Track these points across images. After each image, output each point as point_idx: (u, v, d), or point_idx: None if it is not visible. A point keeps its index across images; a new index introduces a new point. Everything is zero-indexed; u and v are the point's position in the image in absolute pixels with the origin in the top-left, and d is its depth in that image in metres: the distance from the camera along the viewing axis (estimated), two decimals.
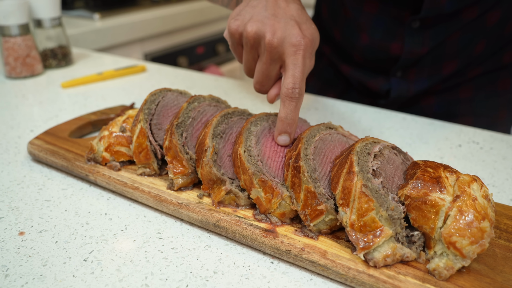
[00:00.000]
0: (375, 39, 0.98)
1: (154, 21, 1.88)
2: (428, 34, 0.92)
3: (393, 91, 1.01)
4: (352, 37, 1.03)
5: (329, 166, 0.55)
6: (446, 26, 0.91)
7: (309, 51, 0.59)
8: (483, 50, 0.96)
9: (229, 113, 0.64)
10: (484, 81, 1.01)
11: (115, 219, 0.58)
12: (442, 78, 0.99)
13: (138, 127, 0.64)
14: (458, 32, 0.93)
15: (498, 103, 1.02)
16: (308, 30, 0.59)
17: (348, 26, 1.03)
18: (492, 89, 1.01)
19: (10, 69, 1.13)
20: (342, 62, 1.10)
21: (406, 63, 0.97)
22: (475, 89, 1.01)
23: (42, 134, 0.74)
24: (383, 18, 0.95)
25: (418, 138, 0.83)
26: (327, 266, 0.47)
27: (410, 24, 0.92)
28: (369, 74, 1.05)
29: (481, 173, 0.70)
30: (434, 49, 0.95)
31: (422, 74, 0.99)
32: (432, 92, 1.02)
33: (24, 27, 1.11)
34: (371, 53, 1.00)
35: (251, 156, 0.55)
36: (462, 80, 1.00)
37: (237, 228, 0.53)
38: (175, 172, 0.59)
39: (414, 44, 0.93)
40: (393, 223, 0.46)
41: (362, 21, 0.98)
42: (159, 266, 0.50)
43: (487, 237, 0.44)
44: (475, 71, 0.99)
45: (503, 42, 0.98)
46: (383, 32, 0.96)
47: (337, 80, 1.13)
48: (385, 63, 1.00)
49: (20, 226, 0.57)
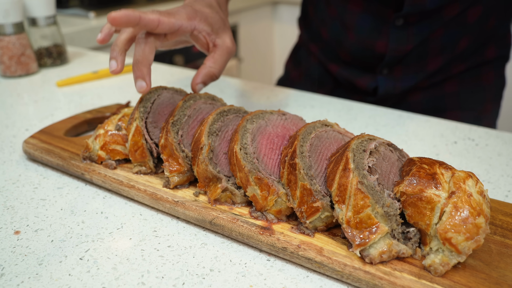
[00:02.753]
0: (360, 37, 0.99)
1: None
2: (412, 31, 0.94)
3: (380, 88, 1.03)
4: (338, 36, 1.04)
5: (325, 163, 0.55)
6: (429, 23, 0.93)
7: None
8: (466, 46, 0.98)
9: (224, 110, 0.64)
10: (469, 76, 1.03)
11: (111, 218, 0.58)
12: (428, 74, 1.01)
13: (133, 125, 0.63)
14: (441, 29, 0.95)
15: (483, 97, 1.05)
16: None
17: (334, 25, 1.04)
18: (476, 83, 1.04)
19: (5, 68, 1.12)
20: (330, 61, 1.11)
21: (392, 60, 0.99)
22: (460, 84, 1.03)
23: (37, 133, 0.74)
24: (368, 16, 0.97)
25: (413, 135, 0.83)
26: (323, 263, 0.47)
27: (394, 22, 0.93)
28: (356, 72, 1.06)
29: (476, 169, 0.70)
30: (419, 46, 0.97)
31: (408, 71, 1.00)
32: (419, 88, 1.04)
33: (19, 26, 1.11)
34: (357, 52, 1.02)
35: (247, 154, 0.55)
36: (447, 76, 1.02)
37: (233, 225, 0.53)
38: (171, 170, 0.59)
39: (398, 41, 0.95)
40: (389, 219, 0.46)
41: (347, 19, 1.00)
42: (155, 264, 0.50)
43: (482, 233, 0.44)
44: (459, 67, 1.02)
45: (485, 38, 1.00)
46: (368, 30, 0.98)
47: (325, 79, 1.15)
48: (371, 61, 1.02)
49: (15, 225, 0.57)
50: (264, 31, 2.73)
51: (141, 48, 0.60)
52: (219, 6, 0.76)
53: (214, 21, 0.70)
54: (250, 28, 2.57)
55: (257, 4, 2.56)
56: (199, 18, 0.67)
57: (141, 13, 0.58)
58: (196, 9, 0.68)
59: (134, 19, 0.56)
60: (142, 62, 0.59)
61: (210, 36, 0.69)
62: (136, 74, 0.59)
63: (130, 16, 0.56)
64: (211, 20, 0.69)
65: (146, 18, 0.58)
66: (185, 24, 0.65)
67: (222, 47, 0.71)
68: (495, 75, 1.04)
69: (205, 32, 0.69)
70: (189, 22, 0.66)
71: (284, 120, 0.63)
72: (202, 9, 0.69)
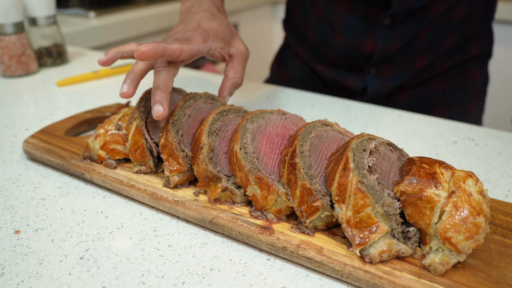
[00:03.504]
0: (348, 38, 1.00)
1: (150, 19, 1.87)
2: (399, 30, 0.95)
3: (369, 88, 1.04)
4: (325, 37, 1.05)
5: (325, 162, 0.55)
6: (415, 22, 0.95)
7: None
8: (451, 44, 1.00)
9: (225, 110, 0.64)
10: (454, 74, 1.05)
11: (111, 217, 0.58)
12: (415, 73, 1.02)
13: (133, 125, 0.63)
14: (427, 28, 0.96)
15: (469, 94, 1.06)
16: None
17: (320, 27, 1.05)
18: (461, 80, 1.05)
19: (5, 68, 1.13)
20: (317, 63, 1.11)
21: (380, 60, 1.00)
22: (446, 81, 1.05)
23: (38, 132, 0.74)
24: (355, 17, 0.97)
25: (413, 134, 0.83)
26: (323, 263, 0.47)
27: (381, 21, 0.94)
28: (345, 73, 1.07)
29: (476, 169, 0.70)
30: (406, 45, 0.98)
31: (395, 70, 1.02)
32: (406, 87, 1.05)
33: (19, 26, 1.11)
34: (345, 52, 1.03)
35: (247, 153, 0.55)
36: (433, 74, 1.04)
37: (233, 225, 0.53)
38: (171, 169, 0.59)
39: (386, 40, 0.96)
40: (388, 219, 0.46)
41: (334, 20, 1.00)
42: (155, 264, 0.50)
43: (482, 233, 0.44)
44: (445, 65, 1.03)
45: (469, 36, 1.02)
46: (356, 30, 0.99)
47: (312, 80, 1.15)
48: (359, 61, 1.03)
49: (15, 224, 0.57)
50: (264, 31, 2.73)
51: (161, 76, 0.61)
52: (218, 11, 0.77)
53: (224, 34, 0.71)
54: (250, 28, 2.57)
55: (257, 4, 2.56)
56: (212, 37, 0.69)
57: (166, 45, 0.59)
58: (206, 28, 0.69)
59: (160, 52, 0.58)
60: (162, 89, 0.59)
61: (224, 50, 0.71)
62: (155, 99, 0.59)
63: (157, 49, 0.58)
64: (221, 34, 0.71)
65: (170, 49, 0.60)
66: (201, 48, 0.67)
67: (238, 55, 0.73)
68: (479, 72, 1.06)
69: (219, 48, 0.70)
70: (205, 44, 0.67)
71: (284, 119, 0.63)
72: (210, 25, 0.70)
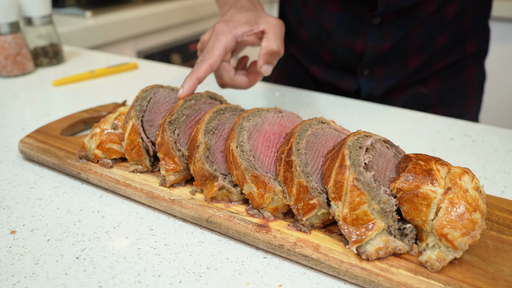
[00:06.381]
0: (339, 37, 1.00)
1: (147, 18, 1.87)
2: (389, 30, 0.94)
3: (363, 90, 1.03)
4: (319, 36, 1.04)
5: (321, 160, 0.55)
6: (406, 21, 0.94)
7: None
8: (445, 42, 0.99)
9: (221, 109, 0.64)
10: (451, 73, 1.04)
11: (107, 217, 0.58)
12: (409, 72, 1.01)
13: (129, 124, 0.63)
14: (419, 26, 0.95)
15: (465, 93, 1.05)
16: None
17: (313, 25, 1.04)
18: (458, 79, 1.04)
19: (1, 68, 1.12)
20: (311, 64, 1.11)
21: (371, 60, 0.99)
22: (442, 80, 1.04)
23: (34, 132, 0.74)
24: (345, 16, 0.97)
25: (410, 131, 0.83)
26: (320, 260, 0.47)
27: (371, 21, 0.93)
28: (338, 74, 1.07)
29: (473, 165, 0.70)
30: (397, 45, 0.97)
31: (388, 71, 1.01)
32: (401, 87, 1.04)
33: (14, 25, 1.10)
34: (338, 52, 1.02)
35: (243, 152, 0.55)
36: (429, 74, 1.03)
37: (230, 223, 0.52)
38: (167, 169, 0.59)
39: (376, 40, 0.96)
40: (385, 216, 0.46)
41: (325, 19, 1.00)
42: (152, 263, 0.50)
43: (478, 229, 0.44)
44: (440, 64, 1.02)
45: (464, 33, 1.00)
46: (346, 30, 0.98)
47: (306, 81, 1.15)
48: (351, 62, 1.02)
49: (11, 224, 0.57)
50: None
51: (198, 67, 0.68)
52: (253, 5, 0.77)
53: (247, 18, 0.72)
54: None
55: None
56: (234, 25, 0.70)
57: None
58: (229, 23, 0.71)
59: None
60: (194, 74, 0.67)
61: (252, 30, 0.71)
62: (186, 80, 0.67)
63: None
64: (244, 19, 0.71)
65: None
66: (226, 42, 0.69)
67: (269, 26, 0.71)
68: (476, 70, 1.05)
69: (246, 31, 0.70)
70: (227, 36, 0.69)
71: (280, 117, 0.63)
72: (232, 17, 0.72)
